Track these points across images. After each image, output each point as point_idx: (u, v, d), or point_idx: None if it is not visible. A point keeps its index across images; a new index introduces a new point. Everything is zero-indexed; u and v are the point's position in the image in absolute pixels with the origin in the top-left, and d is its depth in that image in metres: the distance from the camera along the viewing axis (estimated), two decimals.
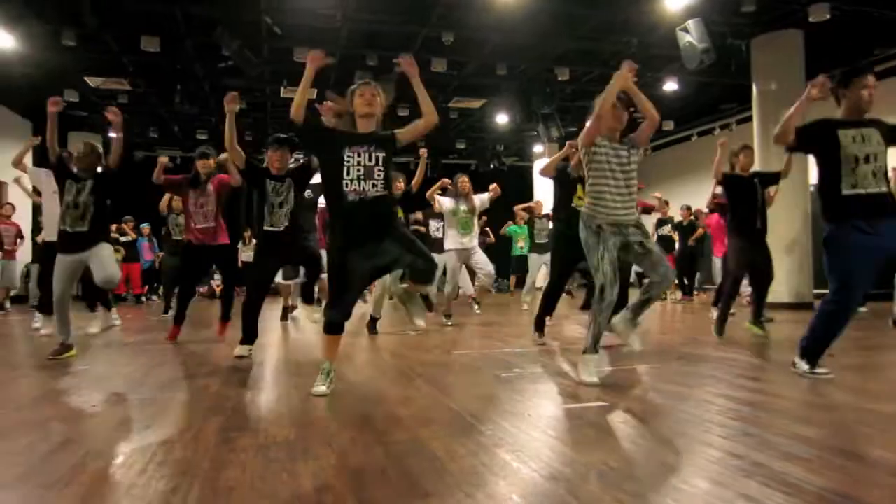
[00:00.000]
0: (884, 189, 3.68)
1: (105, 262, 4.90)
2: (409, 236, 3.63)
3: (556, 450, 2.43)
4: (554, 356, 4.90)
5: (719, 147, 5.95)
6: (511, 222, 12.37)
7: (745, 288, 9.90)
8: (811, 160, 4.12)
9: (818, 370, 3.78)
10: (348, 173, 3.42)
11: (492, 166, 16.99)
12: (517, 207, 10.70)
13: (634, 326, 3.95)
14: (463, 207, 7.21)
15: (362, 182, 3.42)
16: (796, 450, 2.35)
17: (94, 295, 7.36)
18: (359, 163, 3.43)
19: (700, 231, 11.32)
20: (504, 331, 6.82)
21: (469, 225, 7.23)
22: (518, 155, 18.41)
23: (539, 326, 5.62)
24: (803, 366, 3.84)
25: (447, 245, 7.37)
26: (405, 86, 11.35)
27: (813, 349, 3.81)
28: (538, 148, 17.08)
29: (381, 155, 3.48)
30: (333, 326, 3.51)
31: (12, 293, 11.35)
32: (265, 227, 4.98)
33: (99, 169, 5.19)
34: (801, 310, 9.06)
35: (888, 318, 6.83)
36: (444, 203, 7.28)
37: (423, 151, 6.91)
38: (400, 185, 6.40)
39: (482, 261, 7.30)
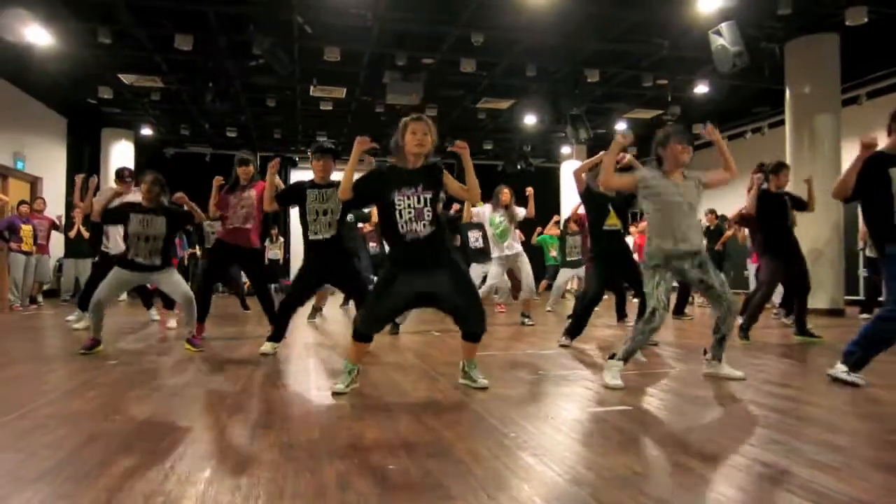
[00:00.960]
0: None
1: (176, 284, 5.26)
2: (463, 276, 3.67)
3: (580, 453, 2.42)
4: (579, 359, 4.87)
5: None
6: (541, 229, 12.32)
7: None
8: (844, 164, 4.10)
9: (853, 376, 3.74)
10: (401, 216, 3.50)
11: (519, 167, 16.93)
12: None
13: (721, 361, 4.02)
14: (499, 218, 7.38)
15: (414, 223, 3.50)
16: (824, 458, 2.32)
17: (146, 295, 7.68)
18: (409, 206, 3.51)
19: (728, 234, 11.16)
20: (529, 333, 6.80)
21: (507, 233, 7.40)
22: (545, 156, 18.32)
23: (570, 332, 5.61)
24: (842, 369, 3.81)
25: (493, 253, 7.57)
26: (433, 87, 11.46)
27: (861, 358, 3.79)
28: (566, 149, 16.99)
29: (429, 196, 3.53)
30: (363, 336, 3.57)
31: (45, 287, 11.60)
32: (309, 237, 4.95)
33: (165, 202, 5.32)
34: (835, 316, 8.91)
35: None
36: (483, 213, 7.43)
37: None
38: (455, 205, 6.57)
39: (526, 271, 7.46)
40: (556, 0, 8.08)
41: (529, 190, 7.40)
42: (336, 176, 5.15)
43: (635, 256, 6.52)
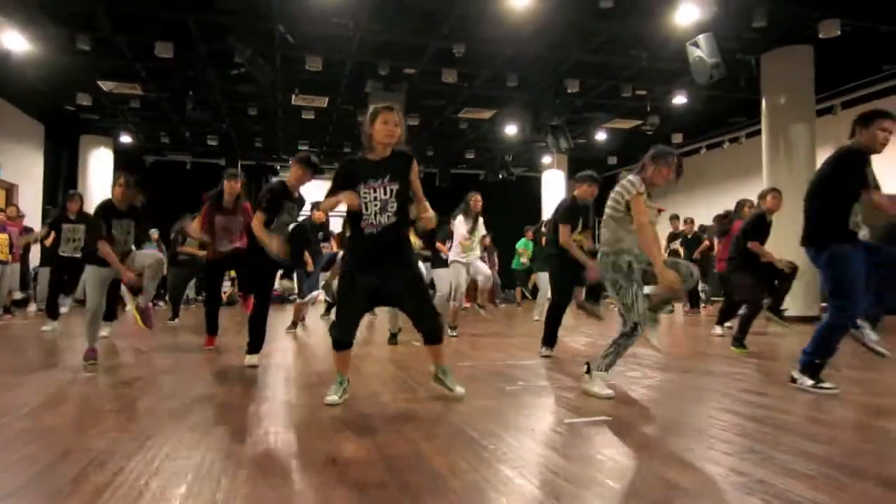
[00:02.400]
0: None
1: (146, 255, 5.35)
2: (419, 280, 3.70)
3: (559, 465, 2.42)
4: (558, 369, 4.89)
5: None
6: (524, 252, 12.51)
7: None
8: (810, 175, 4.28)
9: (824, 385, 3.81)
10: (367, 209, 3.50)
11: (500, 177, 16.99)
12: None
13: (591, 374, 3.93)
14: (480, 233, 7.41)
15: (378, 216, 3.50)
16: (800, 467, 2.35)
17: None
18: (375, 198, 3.50)
19: (706, 244, 11.29)
20: (510, 343, 6.81)
21: (472, 247, 7.33)
22: (527, 165, 18.40)
23: (547, 341, 5.63)
24: (807, 381, 3.87)
25: (451, 257, 7.37)
26: (415, 97, 11.47)
27: (818, 364, 3.90)
28: (547, 159, 17.09)
29: (395, 188, 3.52)
30: (340, 344, 3.58)
31: (17, 296, 11.38)
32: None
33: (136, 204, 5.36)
34: (809, 323, 9.00)
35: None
36: (458, 227, 7.39)
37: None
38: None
39: (479, 267, 7.41)
40: (536, 12, 8.14)
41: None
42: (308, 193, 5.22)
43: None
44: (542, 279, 9.79)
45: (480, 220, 7.37)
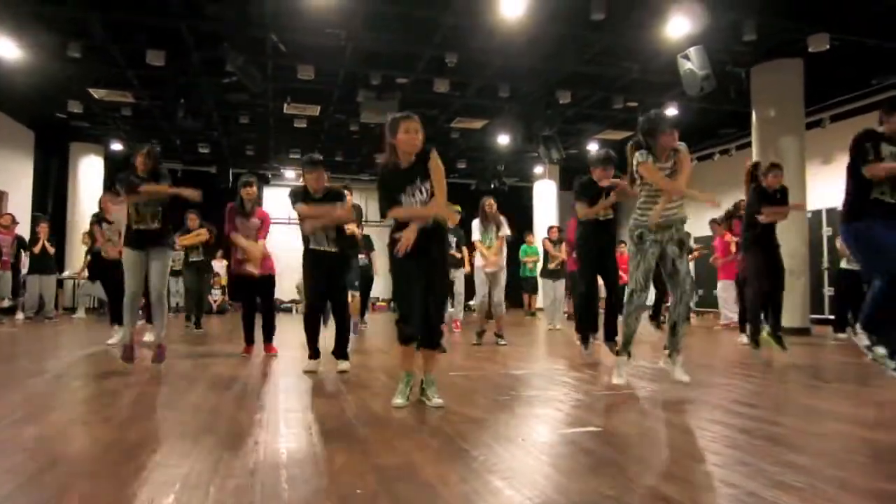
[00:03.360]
0: None
1: (159, 273, 5.32)
2: (438, 278, 3.76)
3: (550, 476, 2.41)
4: (550, 379, 4.88)
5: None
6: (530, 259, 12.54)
7: (731, 313, 10.01)
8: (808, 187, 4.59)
9: (877, 349, 4.21)
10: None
11: (492, 186, 17.04)
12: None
13: (674, 361, 4.28)
14: (488, 232, 7.45)
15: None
16: (789, 479, 2.35)
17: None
18: (415, 202, 3.70)
19: (695, 254, 11.34)
20: (504, 352, 6.80)
21: (489, 249, 7.45)
22: (518, 175, 18.48)
23: (583, 339, 5.96)
24: (864, 340, 4.27)
25: (477, 263, 7.55)
26: (407, 106, 11.56)
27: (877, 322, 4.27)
28: (538, 169, 17.16)
29: (428, 186, 3.71)
30: (404, 338, 3.77)
31: (6, 304, 11.28)
32: (311, 247, 5.16)
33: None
34: (802, 335, 9.06)
35: None
36: (473, 232, 7.48)
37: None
38: (455, 218, 6.66)
39: (500, 286, 7.49)
40: (528, 23, 8.19)
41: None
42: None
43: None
44: (546, 286, 9.93)
45: (503, 223, 7.51)
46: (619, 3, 7.80)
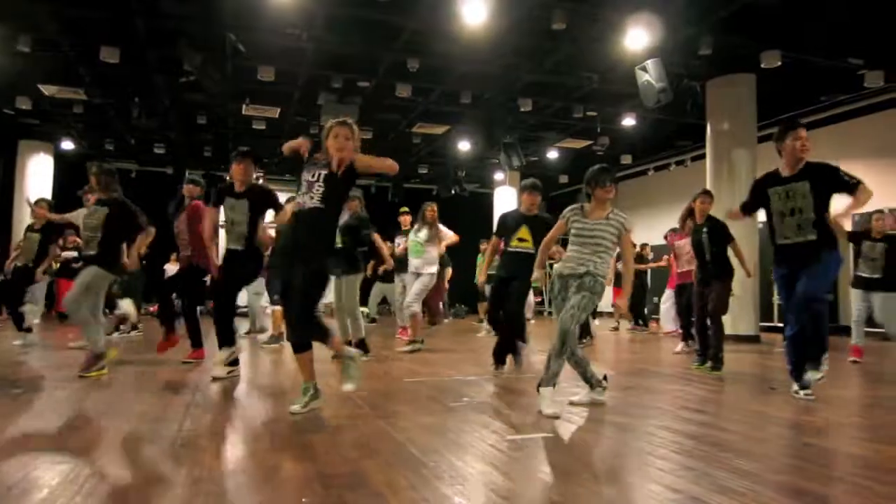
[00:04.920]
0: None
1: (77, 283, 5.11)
2: (305, 281, 3.54)
3: (499, 484, 2.41)
4: (504, 385, 4.90)
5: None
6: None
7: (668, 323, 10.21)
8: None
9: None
10: (299, 190, 3.66)
11: (453, 192, 17.07)
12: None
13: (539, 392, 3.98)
14: (421, 235, 7.29)
15: (304, 196, 3.60)
16: (733, 484, 2.39)
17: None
18: (306, 181, 3.62)
19: (644, 267, 11.48)
20: (459, 359, 6.80)
21: (421, 252, 7.27)
22: (479, 182, 18.55)
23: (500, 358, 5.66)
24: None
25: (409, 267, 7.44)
26: (369, 110, 11.38)
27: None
28: (499, 175, 17.25)
29: (324, 172, 3.58)
30: (296, 346, 3.62)
31: None
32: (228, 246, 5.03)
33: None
34: (752, 342, 9.27)
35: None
36: (410, 233, 7.45)
37: None
38: (353, 204, 6.34)
39: (413, 289, 7.29)
40: (490, 30, 8.23)
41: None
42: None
43: None
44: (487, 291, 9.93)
45: (442, 229, 7.41)
46: (578, 14, 7.90)
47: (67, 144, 14.49)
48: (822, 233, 4.17)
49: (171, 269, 14.36)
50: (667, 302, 10.35)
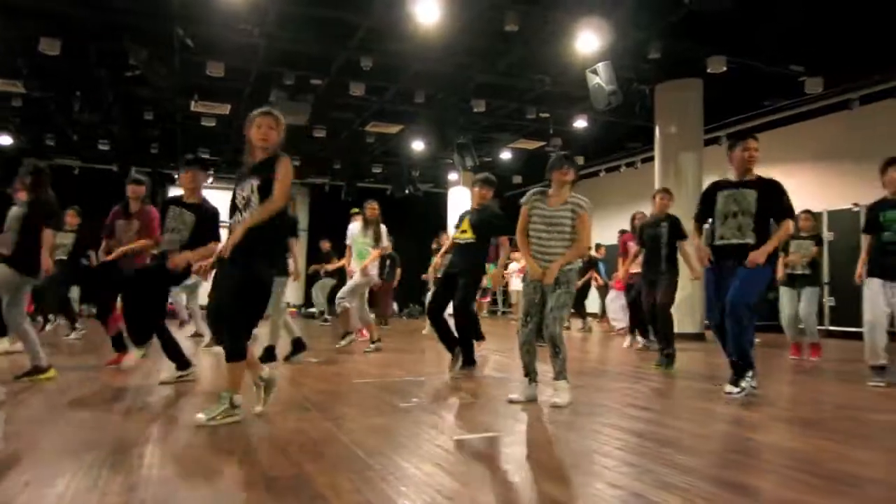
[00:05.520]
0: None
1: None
2: (235, 286, 3.38)
3: (444, 484, 2.40)
4: (453, 385, 4.90)
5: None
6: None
7: (617, 322, 10.39)
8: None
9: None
10: (236, 209, 3.48)
11: (407, 192, 17.03)
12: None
13: (556, 387, 4.16)
14: (366, 237, 7.18)
15: (242, 213, 3.43)
16: (675, 479, 2.43)
17: None
18: (242, 197, 3.46)
19: (590, 273, 11.61)
20: (410, 359, 6.78)
21: (365, 255, 7.13)
22: (433, 182, 18.55)
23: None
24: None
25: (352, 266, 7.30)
26: (322, 108, 11.27)
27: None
28: (453, 176, 17.28)
29: (257, 183, 3.41)
30: (229, 354, 3.46)
31: None
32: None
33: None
34: (698, 340, 9.48)
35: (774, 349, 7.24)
36: (351, 230, 7.30)
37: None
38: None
39: (347, 285, 7.16)
40: (444, 31, 8.23)
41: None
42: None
43: None
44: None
45: (383, 229, 7.24)
46: (530, 16, 7.97)
47: (5, 139, 13.93)
48: (760, 240, 4.30)
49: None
50: (614, 302, 10.51)
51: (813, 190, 10.70)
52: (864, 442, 3.15)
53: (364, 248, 7.15)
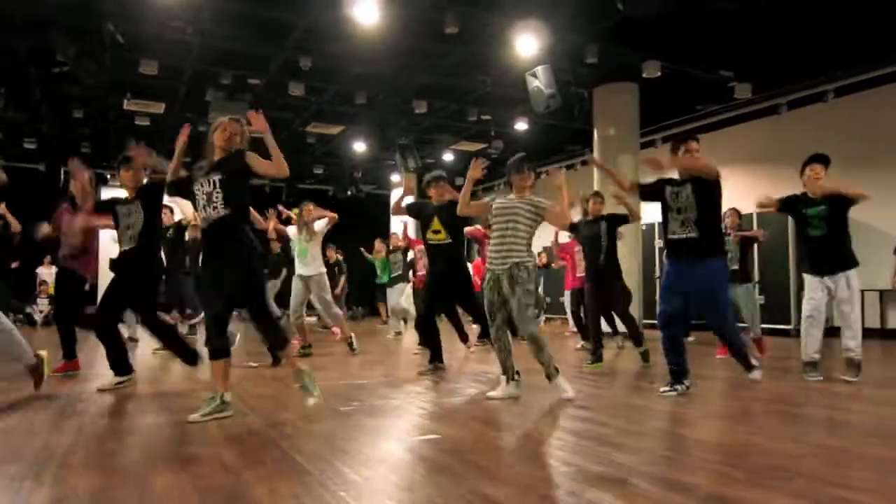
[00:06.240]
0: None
1: None
2: (242, 268, 3.57)
3: (383, 489, 2.40)
4: (396, 388, 4.89)
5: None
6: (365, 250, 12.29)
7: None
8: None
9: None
10: (198, 206, 3.58)
11: (349, 193, 16.91)
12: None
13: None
14: (302, 235, 7.04)
15: (207, 209, 3.54)
16: (611, 477, 2.49)
17: None
18: (203, 192, 3.55)
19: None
20: (351, 361, 6.73)
21: (305, 252, 6.96)
22: (376, 183, 18.47)
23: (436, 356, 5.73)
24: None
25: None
26: (261, 108, 11.06)
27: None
28: (396, 177, 17.24)
29: (218, 178, 3.54)
30: (213, 352, 3.57)
31: None
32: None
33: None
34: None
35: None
36: (289, 232, 7.21)
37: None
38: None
39: (318, 296, 7.04)
40: (383, 31, 8.21)
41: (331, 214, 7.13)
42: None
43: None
44: (390, 293, 9.99)
45: (317, 225, 7.04)
46: (471, 18, 8.03)
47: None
48: (703, 232, 4.49)
49: (44, 272, 13.46)
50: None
51: (744, 192, 11.08)
52: (793, 436, 3.29)
53: (303, 246, 7.01)
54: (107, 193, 16.86)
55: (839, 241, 5.13)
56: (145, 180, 4.87)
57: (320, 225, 7.02)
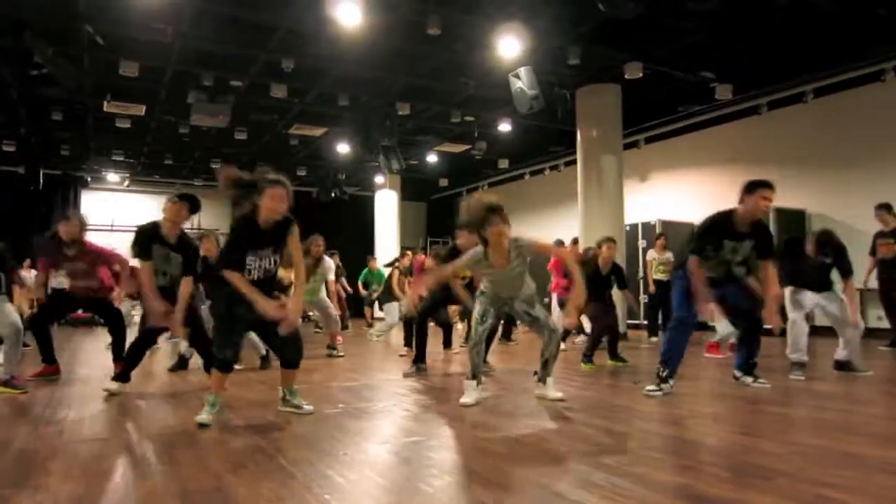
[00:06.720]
0: None
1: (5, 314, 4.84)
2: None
3: (367, 492, 2.39)
4: (381, 390, 4.88)
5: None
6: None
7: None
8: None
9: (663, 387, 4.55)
10: (250, 273, 3.60)
11: (333, 195, 16.85)
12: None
13: (546, 383, 4.36)
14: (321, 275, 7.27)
15: (257, 273, 3.65)
16: (594, 477, 2.50)
17: None
18: (260, 266, 3.64)
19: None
20: (336, 364, 6.70)
21: (311, 293, 7.12)
22: (360, 185, 18.41)
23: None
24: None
25: None
26: (243, 110, 10.93)
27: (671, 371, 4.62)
28: (379, 179, 17.20)
29: (277, 258, 3.73)
30: (221, 364, 3.63)
31: None
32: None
33: None
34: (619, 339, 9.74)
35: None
36: None
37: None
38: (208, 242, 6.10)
39: (324, 304, 7.34)
40: (366, 33, 8.18)
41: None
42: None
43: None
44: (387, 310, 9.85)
45: (326, 262, 7.37)
46: (454, 20, 8.02)
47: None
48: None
49: (24, 274, 13.27)
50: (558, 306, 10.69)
51: (725, 191, 11.20)
52: (778, 435, 3.32)
53: (312, 285, 7.10)
54: (87, 196, 16.69)
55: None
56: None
57: (331, 276, 7.48)
